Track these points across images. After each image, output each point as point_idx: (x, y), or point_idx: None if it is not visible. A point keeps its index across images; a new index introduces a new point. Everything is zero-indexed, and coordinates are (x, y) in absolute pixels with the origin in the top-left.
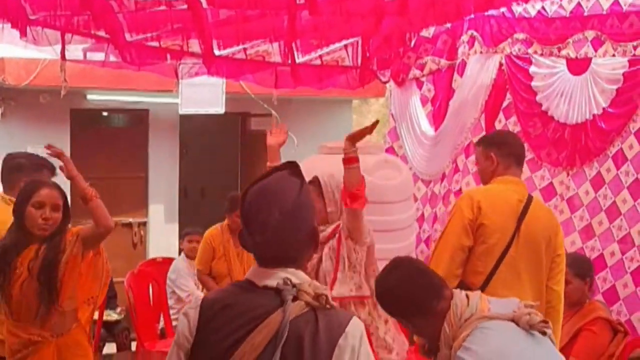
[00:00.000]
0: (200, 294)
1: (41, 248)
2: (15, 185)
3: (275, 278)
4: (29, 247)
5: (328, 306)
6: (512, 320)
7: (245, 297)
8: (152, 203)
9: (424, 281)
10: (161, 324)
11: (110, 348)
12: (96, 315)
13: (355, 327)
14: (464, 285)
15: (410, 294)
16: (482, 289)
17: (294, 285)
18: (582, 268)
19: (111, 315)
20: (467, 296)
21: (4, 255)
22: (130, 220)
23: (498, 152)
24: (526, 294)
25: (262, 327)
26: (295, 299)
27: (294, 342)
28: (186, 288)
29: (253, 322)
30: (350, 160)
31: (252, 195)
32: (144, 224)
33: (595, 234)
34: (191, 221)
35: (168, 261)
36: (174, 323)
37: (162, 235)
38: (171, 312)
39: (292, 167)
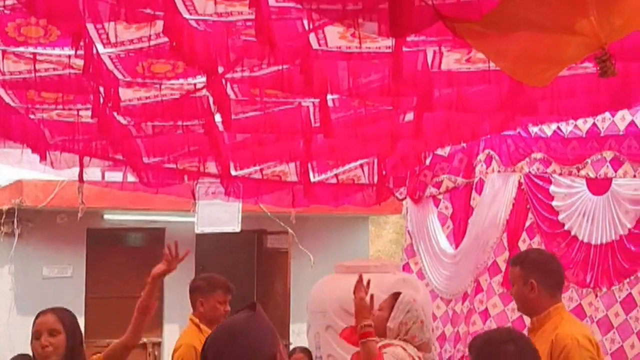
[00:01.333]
0: None
1: None
2: (195, 307)
3: None
4: None
5: None
6: None
7: None
8: (167, 323)
9: None
10: None
11: None
12: None
13: None
14: None
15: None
16: None
17: None
18: None
19: None
20: None
21: None
22: (145, 340)
23: (542, 278)
24: None
25: None
26: None
27: None
28: None
29: None
30: (365, 335)
31: (210, 338)
32: (159, 344)
33: (628, 357)
34: None
35: None
36: None
37: None
38: None
39: (250, 306)
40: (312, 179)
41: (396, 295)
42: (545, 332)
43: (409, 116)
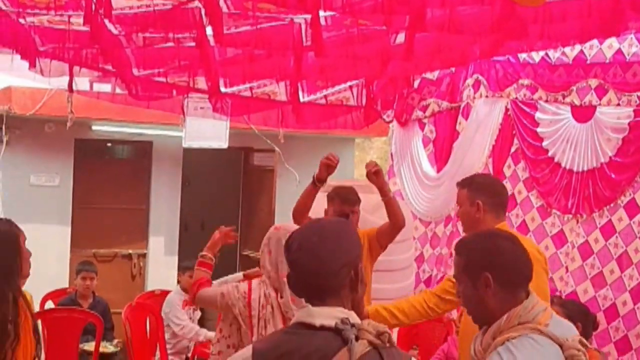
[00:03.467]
0: (194, 327)
1: None
2: None
3: (331, 317)
4: None
5: (389, 344)
6: (560, 346)
7: (303, 341)
8: (152, 235)
9: (529, 265)
10: (157, 357)
11: None
12: (92, 347)
13: None
14: None
15: (516, 262)
16: None
17: (352, 325)
18: (574, 312)
19: (107, 347)
20: (535, 303)
21: None
22: (130, 251)
23: (487, 199)
24: None
25: None
26: (356, 338)
27: None
28: (179, 321)
29: None
30: (200, 264)
31: (296, 230)
32: (144, 255)
33: (607, 283)
34: (190, 254)
35: (166, 294)
36: (170, 358)
37: (161, 267)
38: (167, 346)
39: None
40: (301, 99)
41: None
42: None
43: (400, 38)
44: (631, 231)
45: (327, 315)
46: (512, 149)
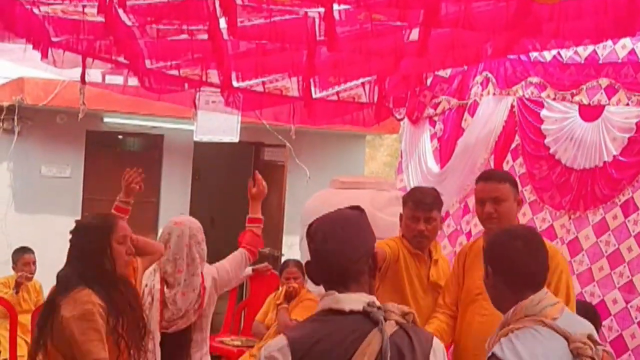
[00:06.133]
0: None
1: None
2: None
3: (359, 302)
4: None
5: (413, 323)
6: (566, 339)
7: (336, 326)
8: (161, 228)
9: (539, 267)
10: None
11: None
12: None
13: (439, 344)
14: None
15: (519, 261)
16: None
17: (378, 307)
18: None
19: None
20: (543, 297)
21: None
22: None
23: (518, 197)
24: None
25: (364, 348)
26: (384, 319)
27: (396, 356)
28: None
29: (352, 347)
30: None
31: (317, 220)
32: None
33: (594, 279)
34: None
35: None
36: None
37: None
38: None
39: (354, 207)
40: (313, 95)
41: None
42: None
43: (414, 35)
44: (625, 229)
45: (354, 300)
46: (513, 146)
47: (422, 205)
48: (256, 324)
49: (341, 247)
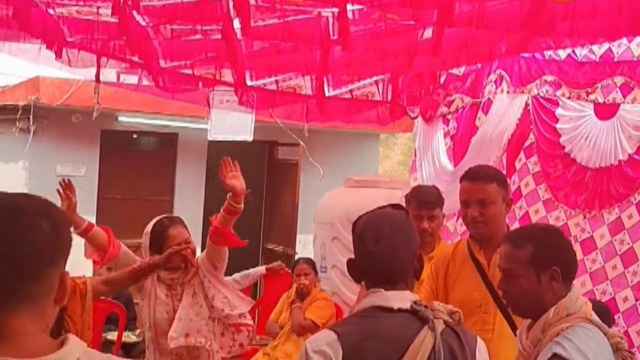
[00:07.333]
0: None
1: None
2: None
3: (406, 300)
4: None
5: (458, 322)
6: (604, 334)
7: (384, 323)
8: None
9: (574, 258)
10: None
11: None
12: (115, 336)
13: (482, 342)
14: None
15: (574, 257)
16: None
17: (425, 306)
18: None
19: (130, 337)
20: (578, 295)
21: None
22: None
23: (508, 197)
24: None
25: (417, 347)
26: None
27: (448, 354)
28: None
29: (402, 345)
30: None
31: (363, 219)
32: None
33: (608, 278)
34: None
35: None
36: None
37: None
38: None
39: (396, 206)
40: (326, 94)
41: None
42: None
43: (427, 33)
44: None
45: (401, 299)
46: (526, 143)
47: (426, 204)
48: (270, 323)
49: (393, 249)
